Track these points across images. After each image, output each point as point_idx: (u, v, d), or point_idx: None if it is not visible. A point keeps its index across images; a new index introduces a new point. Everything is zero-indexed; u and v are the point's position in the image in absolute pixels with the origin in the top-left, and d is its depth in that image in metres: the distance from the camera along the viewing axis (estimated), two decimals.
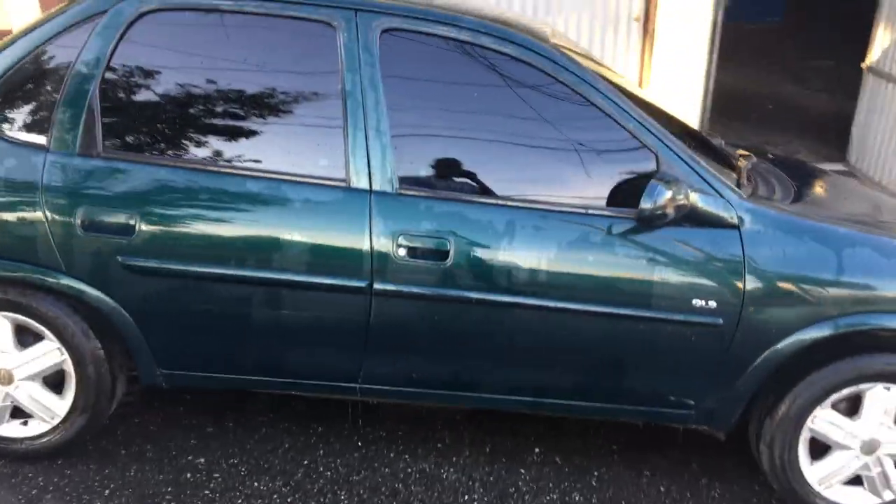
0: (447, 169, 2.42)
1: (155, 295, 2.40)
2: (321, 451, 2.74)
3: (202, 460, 2.65)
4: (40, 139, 2.35)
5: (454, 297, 2.35)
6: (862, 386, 2.41)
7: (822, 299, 2.33)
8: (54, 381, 2.52)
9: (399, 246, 2.33)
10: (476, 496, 2.56)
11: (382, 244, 2.33)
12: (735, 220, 2.34)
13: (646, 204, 2.21)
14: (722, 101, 6.32)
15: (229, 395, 2.90)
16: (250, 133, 2.39)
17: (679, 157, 2.35)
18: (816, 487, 2.51)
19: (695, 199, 2.28)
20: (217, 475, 2.59)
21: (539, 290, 2.35)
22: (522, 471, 2.70)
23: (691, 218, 2.31)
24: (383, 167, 2.34)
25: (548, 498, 2.56)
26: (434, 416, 2.91)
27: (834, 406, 2.46)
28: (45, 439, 2.54)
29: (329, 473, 2.63)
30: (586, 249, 2.34)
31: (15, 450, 2.56)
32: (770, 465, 2.51)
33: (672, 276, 2.33)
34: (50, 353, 2.45)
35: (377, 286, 2.35)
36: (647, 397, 2.51)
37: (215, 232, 2.33)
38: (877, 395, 2.42)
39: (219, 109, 2.39)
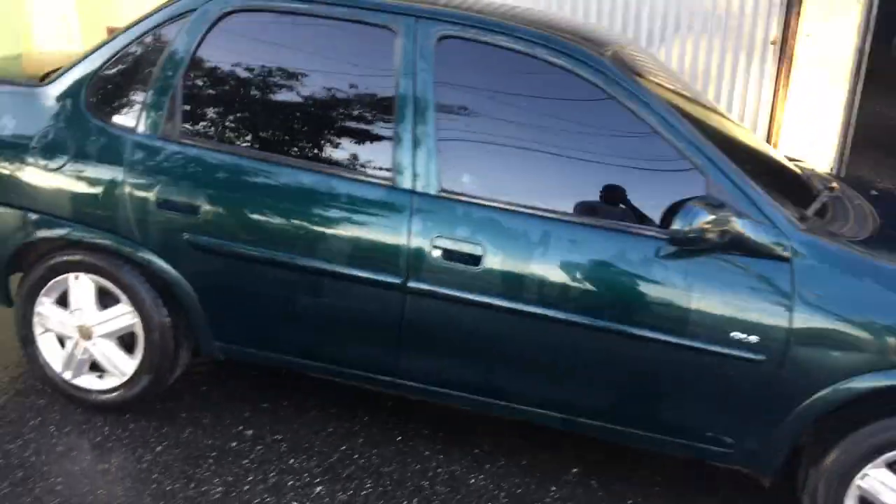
0: (489, 176, 2.44)
1: (213, 272, 2.59)
2: (361, 440, 2.83)
3: (250, 432, 2.82)
4: (130, 122, 2.61)
5: (484, 302, 2.37)
6: None
7: (879, 347, 2.15)
8: (127, 343, 2.77)
9: (435, 247, 2.38)
10: None
11: (419, 244, 2.39)
12: (787, 252, 2.20)
13: (677, 225, 2.14)
14: (873, 134, 5.86)
15: (289, 376, 3.06)
16: (308, 128, 2.54)
17: (730, 179, 2.25)
18: None
19: (740, 225, 2.17)
20: (260, 447, 2.74)
21: (568, 304, 2.32)
22: (554, 488, 2.66)
23: (737, 245, 2.20)
24: (427, 169, 2.40)
25: None
26: (479, 422, 2.93)
27: (892, 466, 2.24)
28: (114, 394, 2.80)
29: (362, 461, 2.72)
30: (620, 267, 2.29)
31: (90, 400, 2.84)
32: None
33: (711, 305, 2.23)
34: (124, 315, 2.71)
35: (411, 284, 2.41)
36: (682, 429, 2.41)
37: (267, 218, 2.49)
38: None
39: (283, 104, 2.56)
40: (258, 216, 2.50)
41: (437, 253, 2.38)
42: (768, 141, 5.33)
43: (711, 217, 2.13)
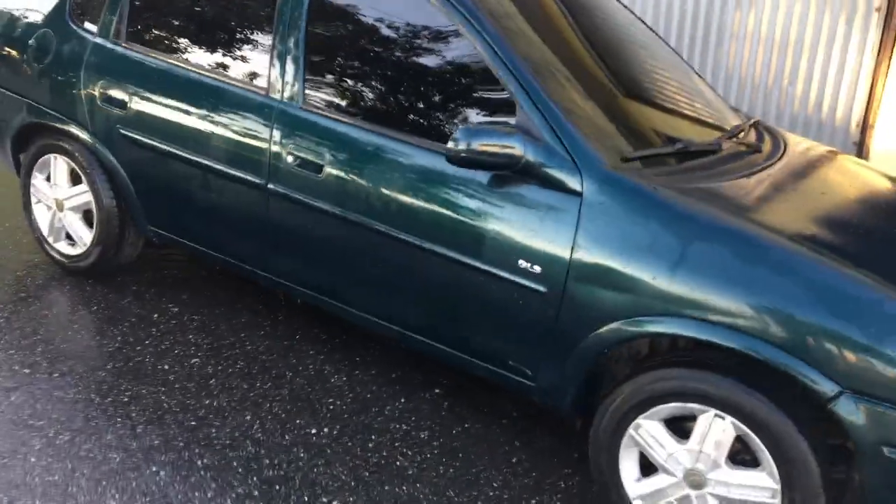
0: (345, 94, 2.60)
1: (138, 161, 3.00)
2: (262, 332, 3.13)
3: (175, 310, 3.24)
4: (93, 28, 3.07)
5: (322, 208, 2.55)
6: (693, 406, 2.07)
7: (650, 291, 2.06)
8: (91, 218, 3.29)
9: (289, 154, 2.60)
10: (338, 402, 2.74)
11: (278, 150, 2.62)
12: (578, 186, 2.16)
13: (451, 144, 2.17)
14: None
15: (231, 276, 3.42)
16: (211, 39, 2.85)
17: (537, 108, 2.23)
18: (636, 501, 2.22)
19: (521, 150, 2.15)
20: (174, 322, 3.15)
21: (384, 216, 2.44)
22: (403, 400, 2.79)
23: (527, 172, 2.19)
24: (293, 83, 2.61)
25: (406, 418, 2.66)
26: (387, 339, 3.09)
27: (668, 422, 2.14)
28: (80, 261, 3.34)
29: (249, 348, 3.02)
30: (424, 184, 2.36)
31: (65, 263, 3.40)
32: (593, 463, 2.29)
33: (503, 231, 2.25)
34: (84, 193, 3.22)
35: (271, 186, 2.66)
36: (488, 355, 2.44)
37: (173, 117, 2.84)
38: (708, 422, 2.05)
39: (197, 18, 2.89)
40: (166, 115, 2.86)
41: (290, 159, 2.60)
42: (866, 119, 4.82)
43: (491, 140, 2.14)
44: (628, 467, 2.22)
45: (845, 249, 2.10)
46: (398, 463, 2.49)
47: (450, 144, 2.17)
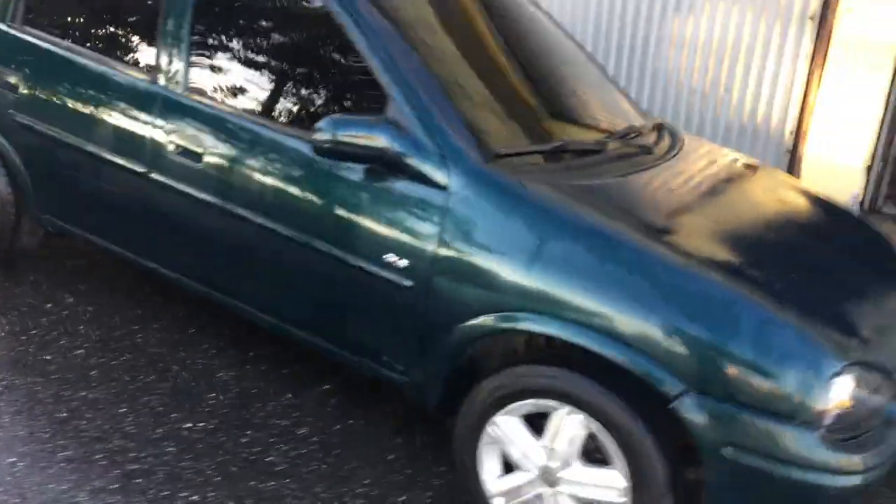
0: (227, 84, 2.56)
1: (30, 147, 2.95)
2: (156, 325, 3.08)
3: (70, 300, 3.18)
4: (2, 14, 3.02)
5: (202, 198, 2.51)
6: (548, 403, 2.04)
7: (509, 287, 2.03)
8: None
9: (170, 142, 2.55)
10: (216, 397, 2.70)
11: (161, 137, 2.58)
12: (445, 181, 2.13)
13: (316, 135, 2.14)
14: None
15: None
16: (103, 25, 2.82)
17: (409, 103, 2.19)
18: (494, 498, 2.19)
19: (386, 142, 2.12)
20: (66, 312, 3.09)
21: (262, 207, 2.40)
22: (290, 395, 2.74)
23: (400, 168, 2.16)
24: (178, 71, 2.58)
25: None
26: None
27: (533, 419, 2.11)
28: None
29: (139, 339, 2.97)
30: (297, 175, 2.33)
31: None
32: (457, 459, 2.25)
33: (372, 224, 2.22)
34: None
35: (153, 175, 2.61)
36: (361, 349, 2.41)
37: (60, 102, 2.80)
38: (561, 419, 2.03)
39: (95, 5, 2.85)
40: (57, 100, 2.81)
41: (171, 147, 2.56)
42: (799, 127, 4.84)
43: (357, 131, 2.11)
44: (489, 464, 2.18)
45: (710, 253, 2.08)
46: (270, 458, 2.45)
47: (315, 135, 2.14)
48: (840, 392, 1.83)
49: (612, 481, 1.99)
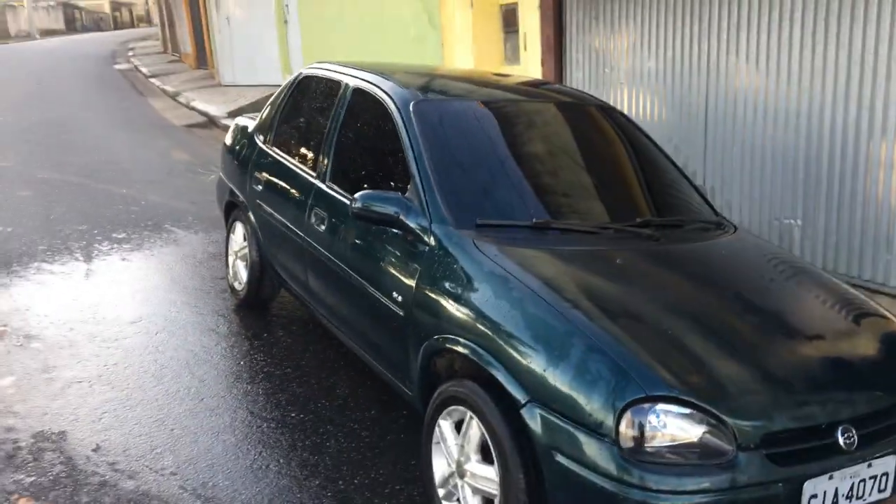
0: (340, 173, 3.68)
1: (263, 222, 4.38)
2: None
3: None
4: (262, 137, 4.62)
5: (324, 253, 3.61)
6: (463, 409, 2.63)
7: (447, 317, 2.71)
8: None
9: (313, 213, 3.75)
10: None
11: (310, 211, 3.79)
12: (428, 238, 2.92)
13: (351, 203, 3.09)
14: None
15: None
16: (306, 146, 4.17)
17: (419, 188, 3.04)
18: (438, 489, 2.77)
19: (400, 214, 2.96)
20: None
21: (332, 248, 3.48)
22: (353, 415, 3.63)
23: (407, 229, 3.00)
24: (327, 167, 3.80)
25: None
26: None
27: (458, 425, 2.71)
28: (239, 295, 4.79)
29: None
30: (347, 230, 3.35)
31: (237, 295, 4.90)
32: (422, 455, 2.89)
33: (386, 267, 3.09)
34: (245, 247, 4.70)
35: (307, 238, 3.82)
36: (392, 365, 3.17)
37: (274, 191, 4.21)
38: (468, 423, 2.60)
39: (304, 133, 4.26)
40: (273, 190, 4.22)
41: (314, 218, 3.74)
42: None
43: (377, 203, 3.02)
44: (438, 460, 2.78)
45: (593, 302, 2.52)
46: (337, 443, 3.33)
47: (351, 203, 3.10)
48: (639, 418, 2.15)
49: (492, 476, 2.49)
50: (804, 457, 2.23)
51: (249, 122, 4.96)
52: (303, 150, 4.12)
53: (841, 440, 2.25)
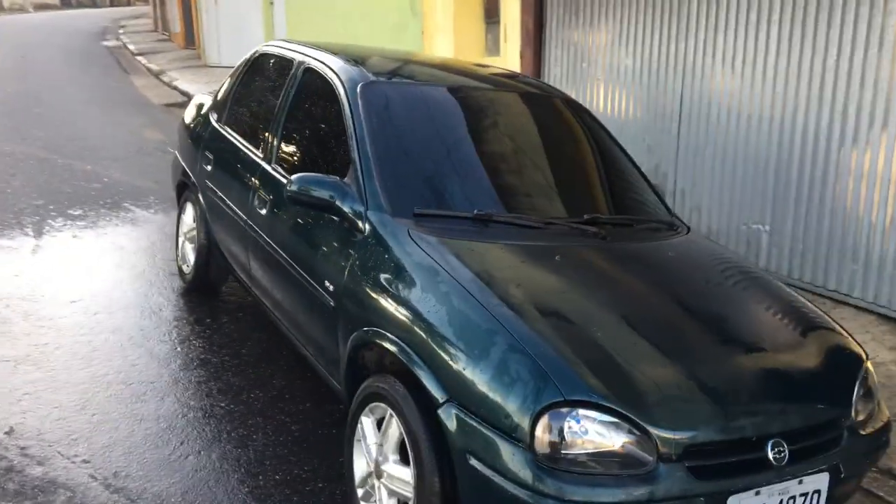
0: (282, 153, 3.53)
1: (211, 205, 4.23)
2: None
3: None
4: (215, 116, 4.47)
5: (262, 234, 3.48)
6: (384, 406, 2.49)
7: (376, 310, 2.58)
8: None
9: (258, 194, 3.61)
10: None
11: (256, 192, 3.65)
12: (362, 225, 2.78)
13: (287, 185, 2.94)
14: None
15: None
16: (256, 126, 4.02)
17: (358, 172, 2.90)
18: (357, 489, 2.63)
19: (336, 199, 2.81)
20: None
21: (272, 234, 3.32)
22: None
23: (342, 215, 2.86)
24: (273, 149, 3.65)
25: None
26: None
27: (379, 422, 2.57)
28: (185, 277, 4.64)
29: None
30: (286, 215, 3.20)
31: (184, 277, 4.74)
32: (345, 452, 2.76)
33: (320, 255, 2.95)
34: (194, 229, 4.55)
35: (249, 222, 3.67)
36: (324, 357, 3.02)
37: (222, 172, 4.05)
38: (390, 421, 2.46)
39: (255, 113, 4.11)
40: (221, 170, 4.07)
41: (257, 201, 3.59)
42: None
43: (315, 187, 2.86)
44: (358, 459, 2.65)
45: (522, 300, 2.38)
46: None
47: (287, 186, 2.96)
48: (558, 423, 2.02)
49: (408, 477, 2.36)
50: (730, 471, 2.11)
51: (207, 100, 4.81)
52: (253, 131, 3.96)
53: (770, 454, 2.14)
